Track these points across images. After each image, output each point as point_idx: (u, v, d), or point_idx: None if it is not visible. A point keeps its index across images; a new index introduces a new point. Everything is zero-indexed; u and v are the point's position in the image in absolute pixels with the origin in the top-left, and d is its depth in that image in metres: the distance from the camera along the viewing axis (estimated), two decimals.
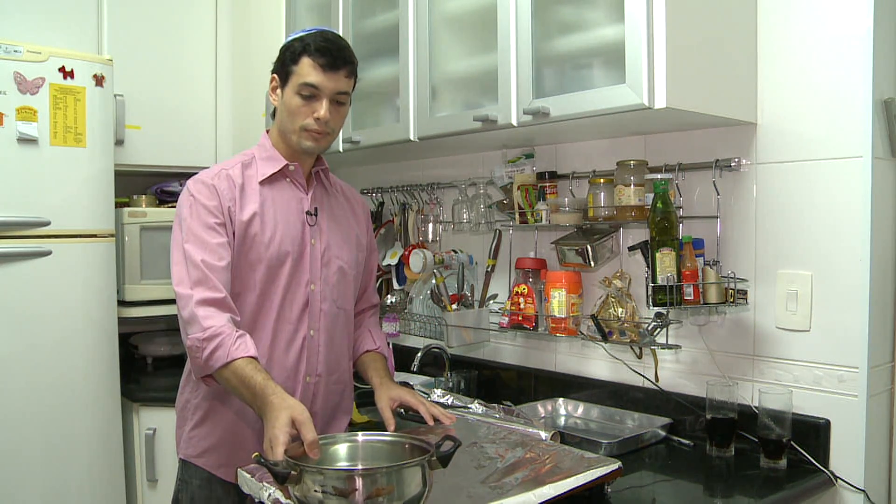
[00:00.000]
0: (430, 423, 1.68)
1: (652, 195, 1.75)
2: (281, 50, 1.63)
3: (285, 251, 1.62)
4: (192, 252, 1.52)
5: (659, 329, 1.84)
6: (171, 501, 1.71)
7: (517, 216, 2.14)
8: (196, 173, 1.65)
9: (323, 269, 1.68)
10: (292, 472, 1.17)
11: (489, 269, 2.35)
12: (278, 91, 1.64)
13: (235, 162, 1.66)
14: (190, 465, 1.67)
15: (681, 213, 1.84)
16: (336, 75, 1.58)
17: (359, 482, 1.16)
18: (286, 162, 1.65)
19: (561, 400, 2.13)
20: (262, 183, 1.63)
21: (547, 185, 2.12)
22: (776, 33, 1.75)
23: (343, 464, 1.36)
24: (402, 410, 1.74)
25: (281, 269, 1.61)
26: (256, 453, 1.23)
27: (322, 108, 1.58)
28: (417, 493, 1.19)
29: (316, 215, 1.68)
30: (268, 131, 1.71)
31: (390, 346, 1.92)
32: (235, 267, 1.58)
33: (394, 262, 2.62)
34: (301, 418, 1.32)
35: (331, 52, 1.57)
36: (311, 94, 1.58)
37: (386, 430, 1.60)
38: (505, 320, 2.17)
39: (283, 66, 1.61)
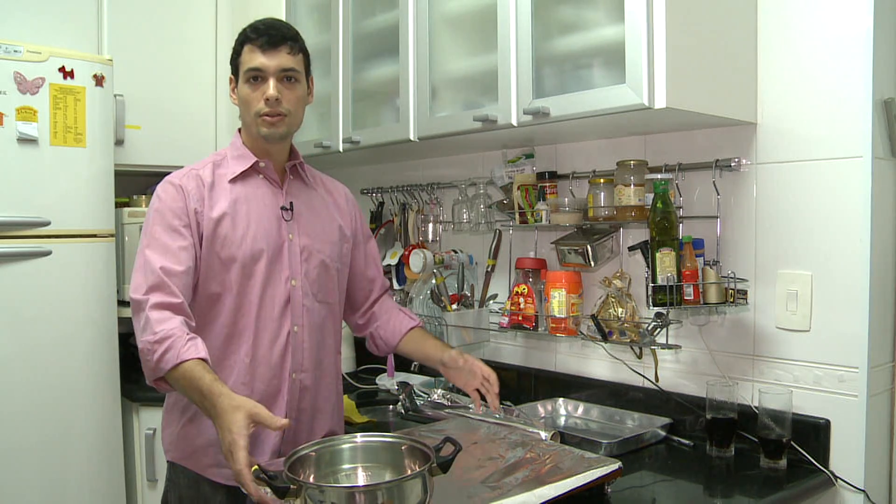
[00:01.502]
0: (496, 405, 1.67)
1: (652, 195, 1.75)
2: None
3: (259, 248, 1.61)
4: (151, 258, 1.52)
5: (659, 329, 1.84)
6: (161, 502, 1.70)
7: (517, 216, 2.14)
8: None
9: (303, 264, 1.66)
10: (291, 487, 1.16)
11: (489, 269, 2.35)
12: (236, 90, 1.66)
13: (207, 162, 1.67)
14: (178, 467, 1.67)
15: (681, 213, 1.85)
16: (276, 53, 1.59)
17: (360, 499, 1.16)
18: (255, 159, 1.66)
19: (561, 400, 2.13)
20: (233, 181, 1.64)
21: (547, 185, 2.12)
22: (776, 33, 1.75)
23: (343, 466, 1.36)
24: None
25: (256, 267, 1.60)
26: (255, 466, 1.22)
27: (269, 88, 1.58)
28: (419, 502, 1.19)
29: (292, 210, 1.67)
30: (239, 130, 1.71)
31: None
32: (210, 268, 1.58)
33: (394, 262, 2.62)
34: (256, 410, 1.29)
35: (266, 31, 1.60)
36: (256, 76, 1.59)
37: (387, 432, 1.61)
38: (505, 320, 2.17)
39: (233, 64, 1.65)
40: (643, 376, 1.99)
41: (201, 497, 1.64)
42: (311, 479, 1.30)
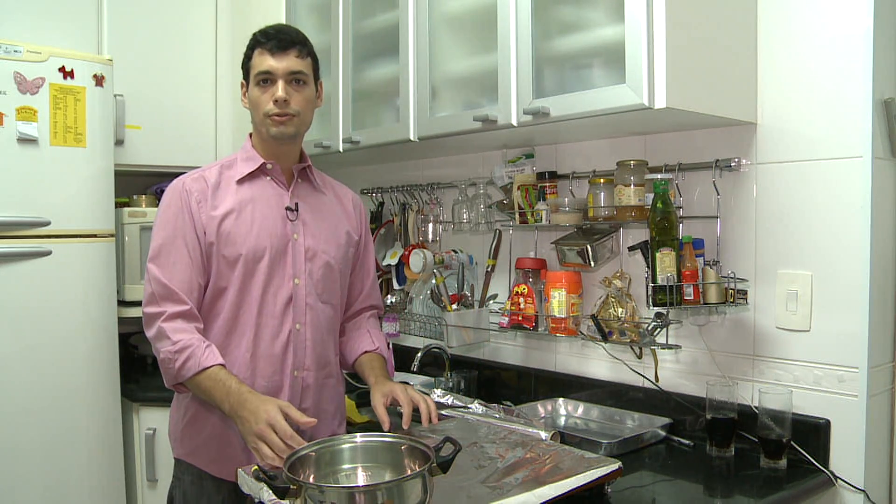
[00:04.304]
0: (407, 424, 1.60)
1: (652, 195, 1.75)
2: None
3: (262, 246, 1.64)
4: (154, 270, 1.60)
5: (659, 329, 1.84)
6: (167, 498, 1.73)
7: (517, 216, 2.14)
8: None
9: (307, 264, 1.69)
10: (291, 487, 1.17)
11: (489, 269, 2.35)
12: (247, 94, 1.71)
13: (216, 164, 1.72)
14: (182, 463, 1.70)
15: (681, 213, 1.84)
16: (285, 56, 1.63)
17: (359, 499, 1.16)
18: (263, 160, 1.69)
19: (561, 400, 2.13)
20: (240, 182, 1.68)
21: (547, 185, 2.12)
22: (776, 33, 1.75)
23: (343, 466, 1.37)
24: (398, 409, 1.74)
25: (258, 265, 1.64)
26: (256, 466, 1.22)
27: (278, 90, 1.63)
28: (419, 502, 1.19)
29: (297, 210, 1.70)
30: (251, 135, 1.76)
31: (390, 346, 1.91)
32: (214, 264, 1.63)
33: (394, 262, 2.62)
34: (286, 404, 1.44)
35: (276, 35, 1.64)
36: (266, 79, 1.64)
37: (383, 430, 1.60)
38: (505, 320, 2.17)
39: (244, 68, 1.70)
40: (643, 376, 1.99)
41: (204, 494, 1.67)
42: (311, 479, 1.30)
